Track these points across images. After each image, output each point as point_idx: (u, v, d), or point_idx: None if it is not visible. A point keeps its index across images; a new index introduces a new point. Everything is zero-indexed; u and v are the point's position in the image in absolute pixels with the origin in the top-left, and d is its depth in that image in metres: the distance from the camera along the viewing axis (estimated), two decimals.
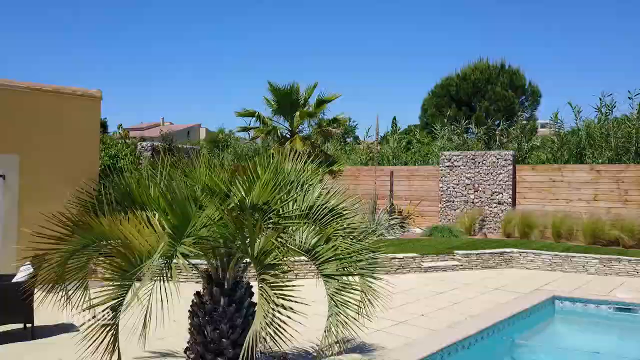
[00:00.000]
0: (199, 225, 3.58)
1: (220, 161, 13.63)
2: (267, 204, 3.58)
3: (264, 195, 3.57)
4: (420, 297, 8.09)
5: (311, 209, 3.94)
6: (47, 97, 8.33)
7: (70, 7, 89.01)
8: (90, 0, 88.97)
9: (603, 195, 12.90)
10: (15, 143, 7.88)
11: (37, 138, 8.12)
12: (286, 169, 4.13)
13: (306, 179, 4.30)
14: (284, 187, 3.94)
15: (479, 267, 10.70)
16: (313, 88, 14.06)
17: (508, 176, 14.02)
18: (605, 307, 8.08)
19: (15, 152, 7.83)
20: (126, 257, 3.32)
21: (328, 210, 3.96)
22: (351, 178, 16.69)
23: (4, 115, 7.86)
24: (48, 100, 8.33)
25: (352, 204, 4.10)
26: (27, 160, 7.89)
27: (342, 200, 4.08)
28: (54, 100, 8.41)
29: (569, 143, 14.50)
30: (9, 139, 7.85)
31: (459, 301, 7.84)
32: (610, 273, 10.15)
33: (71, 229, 3.70)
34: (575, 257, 10.50)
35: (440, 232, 13.37)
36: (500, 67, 26.72)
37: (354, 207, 4.12)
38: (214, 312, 4.01)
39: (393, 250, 10.78)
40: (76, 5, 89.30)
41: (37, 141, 8.11)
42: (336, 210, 3.97)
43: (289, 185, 4.06)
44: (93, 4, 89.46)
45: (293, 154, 4.40)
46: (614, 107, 14.19)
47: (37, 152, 8.05)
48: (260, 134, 13.87)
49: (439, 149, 17.03)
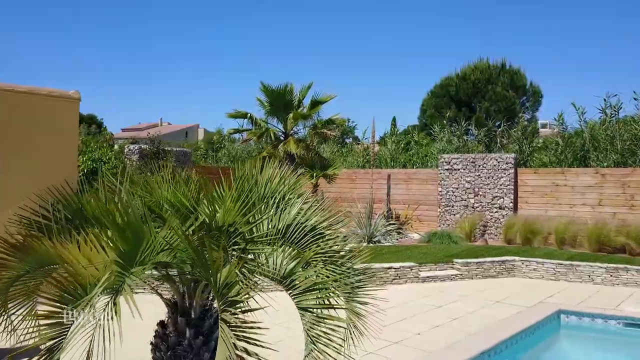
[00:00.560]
0: (156, 250, 3.09)
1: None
2: (233, 225, 3.09)
3: (229, 216, 3.08)
4: (416, 311, 7.59)
5: (288, 228, 3.45)
6: (21, 99, 7.83)
7: (70, 7, 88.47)
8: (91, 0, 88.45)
9: (608, 200, 12.41)
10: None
11: (11, 141, 7.61)
12: (260, 182, 3.64)
13: (285, 192, 3.81)
14: (257, 203, 3.45)
15: (479, 276, 10.21)
16: (307, 88, 13.60)
17: (509, 180, 13.53)
18: (614, 323, 7.58)
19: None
20: (66, 288, 2.82)
21: (308, 229, 3.46)
22: (347, 181, 16.21)
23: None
24: (22, 101, 7.83)
25: (336, 221, 3.60)
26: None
27: (325, 217, 3.59)
28: (29, 101, 7.91)
29: (573, 145, 13.99)
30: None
31: (458, 316, 7.35)
32: (617, 283, 9.66)
33: (10, 253, 3.21)
34: (580, 266, 10.01)
35: (439, 238, 12.89)
36: (501, 66, 26.22)
37: (338, 224, 3.61)
38: (179, 346, 3.51)
39: (389, 259, 10.32)
40: (76, 5, 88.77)
41: (11, 144, 7.60)
42: (318, 229, 3.48)
43: (264, 200, 3.56)
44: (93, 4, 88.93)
45: (271, 162, 3.90)
46: (620, 108, 13.71)
47: (11, 156, 7.55)
48: (252, 136, 13.40)
49: (438, 152, 16.53)
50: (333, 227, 3.55)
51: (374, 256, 10.67)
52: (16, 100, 7.75)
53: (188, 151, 15.05)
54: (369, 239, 12.90)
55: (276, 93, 13.11)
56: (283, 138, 13.55)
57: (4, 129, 7.56)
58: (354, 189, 16.05)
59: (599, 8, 69.45)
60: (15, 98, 7.74)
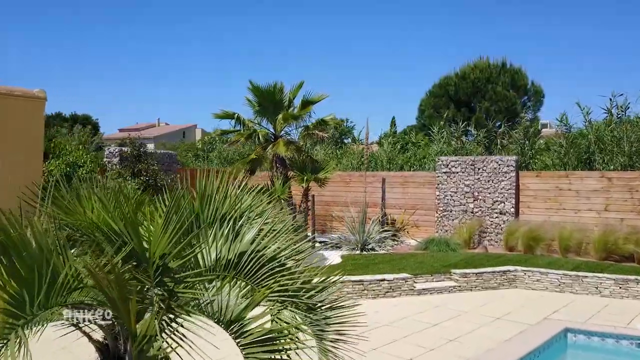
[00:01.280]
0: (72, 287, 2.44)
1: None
2: (163, 258, 2.42)
3: (158, 246, 2.42)
4: (409, 331, 6.92)
5: (241, 257, 2.78)
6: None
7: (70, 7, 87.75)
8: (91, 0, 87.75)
9: (615, 205, 11.73)
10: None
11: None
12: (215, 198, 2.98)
13: (244, 210, 3.14)
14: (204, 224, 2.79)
15: (479, 288, 9.54)
16: (298, 88, 12.90)
17: (510, 184, 12.85)
18: (626, 343, 6.91)
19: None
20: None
21: (267, 259, 2.80)
22: (341, 184, 15.53)
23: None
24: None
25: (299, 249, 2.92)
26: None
27: (289, 244, 2.91)
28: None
29: (577, 147, 13.30)
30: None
31: (455, 337, 6.68)
32: (627, 296, 8.99)
33: None
34: (587, 277, 9.34)
35: (437, 245, 12.22)
36: (501, 65, 25.52)
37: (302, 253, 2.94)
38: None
39: (383, 269, 9.66)
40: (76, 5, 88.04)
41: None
42: (278, 259, 2.81)
43: (214, 223, 2.90)
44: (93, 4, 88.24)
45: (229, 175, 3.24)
46: (627, 108, 13.03)
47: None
48: (240, 137, 12.69)
49: (436, 153, 15.85)
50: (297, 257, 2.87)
51: (366, 266, 10.06)
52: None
53: (173, 153, 14.38)
54: (362, 247, 12.22)
55: (265, 92, 12.41)
56: (273, 140, 12.87)
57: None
58: (348, 192, 15.37)
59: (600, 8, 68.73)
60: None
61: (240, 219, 3.04)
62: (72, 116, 44.48)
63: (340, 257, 11.16)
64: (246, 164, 12.51)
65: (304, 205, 12.82)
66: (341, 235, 13.12)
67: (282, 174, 12.51)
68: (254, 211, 3.13)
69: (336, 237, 13.21)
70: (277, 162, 12.68)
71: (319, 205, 14.25)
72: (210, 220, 2.92)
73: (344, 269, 9.69)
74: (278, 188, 12.12)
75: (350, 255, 11.47)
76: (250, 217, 3.12)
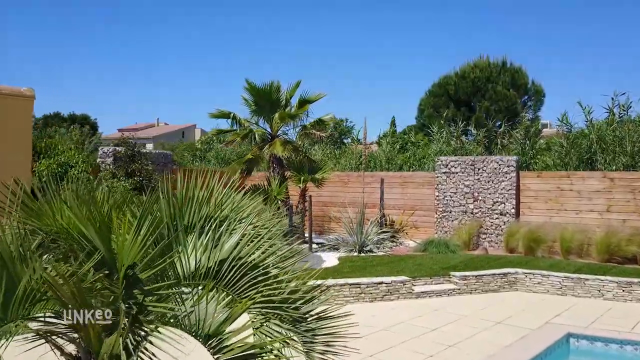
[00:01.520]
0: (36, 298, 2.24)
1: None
2: (132, 268, 2.22)
3: (128, 255, 2.21)
4: (407, 336, 6.71)
5: (222, 265, 2.58)
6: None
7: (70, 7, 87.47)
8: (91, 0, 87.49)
9: (618, 206, 11.53)
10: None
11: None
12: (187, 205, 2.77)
13: (227, 214, 2.94)
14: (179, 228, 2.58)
15: (479, 291, 9.34)
16: (295, 87, 12.71)
17: (511, 184, 12.65)
18: (630, 349, 6.71)
19: None
20: None
21: (249, 267, 2.59)
22: (340, 185, 15.33)
23: None
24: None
25: (286, 255, 2.71)
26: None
27: (274, 250, 2.71)
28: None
29: (579, 147, 13.08)
30: None
31: (454, 342, 6.48)
32: (630, 299, 8.79)
33: None
34: (589, 280, 9.14)
35: (436, 246, 12.01)
36: (502, 65, 25.29)
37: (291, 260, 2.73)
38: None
39: (381, 271, 9.46)
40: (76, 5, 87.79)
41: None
42: (261, 266, 2.61)
43: (193, 228, 2.70)
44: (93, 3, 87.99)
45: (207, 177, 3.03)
46: (629, 107, 12.83)
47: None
48: (236, 137, 12.50)
49: (435, 153, 15.64)
50: (283, 264, 2.67)
51: (363, 268, 9.85)
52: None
53: (169, 153, 14.17)
54: (360, 248, 12.02)
55: (261, 91, 12.23)
56: (269, 139, 12.68)
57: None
58: (346, 192, 15.16)
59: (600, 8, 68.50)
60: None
61: (222, 224, 2.84)
62: (71, 116, 44.22)
63: (338, 259, 10.96)
64: (242, 164, 12.33)
65: (301, 206, 12.63)
66: (339, 237, 12.91)
67: (279, 174, 12.32)
68: (238, 215, 2.92)
69: (334, 238, 13.00)
70: (273, 162, 12.49)
71: (316, 206, 14.04)
72: (190, 225, 2.72)
73: (340, 271, 9.50)
74: (275, 188, 11.93)
75: (348, 257, 11.27)
76: (233, 220, 2.92)
